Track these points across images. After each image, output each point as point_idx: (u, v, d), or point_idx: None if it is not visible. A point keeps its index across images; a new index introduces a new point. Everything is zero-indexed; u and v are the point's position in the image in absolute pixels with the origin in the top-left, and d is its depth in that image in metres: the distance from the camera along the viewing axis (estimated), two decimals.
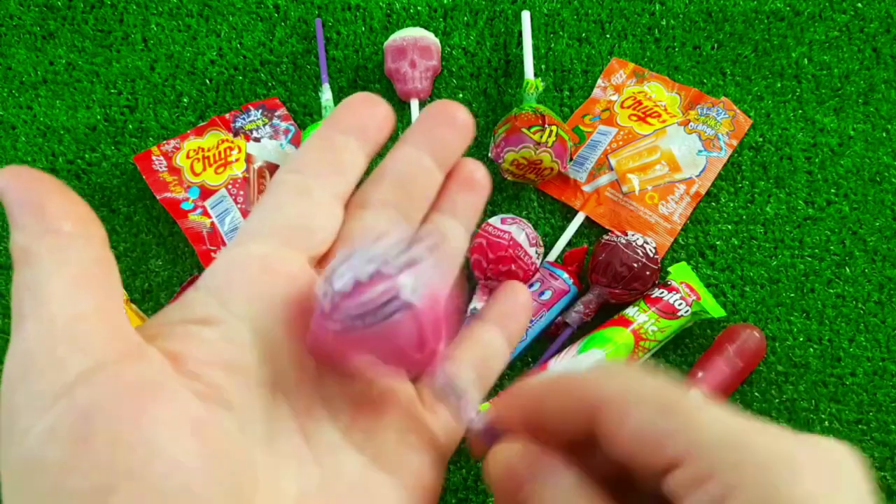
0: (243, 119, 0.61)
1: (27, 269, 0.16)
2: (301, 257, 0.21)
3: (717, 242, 0.58)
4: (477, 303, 0.54)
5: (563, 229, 0.58)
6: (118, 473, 0.15)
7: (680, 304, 0.53)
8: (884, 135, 0.62)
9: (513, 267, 0.53)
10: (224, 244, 0.57)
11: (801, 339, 0.56)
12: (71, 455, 0.15)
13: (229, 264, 0.20)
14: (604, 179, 0.59)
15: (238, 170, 0.59)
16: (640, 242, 0.53)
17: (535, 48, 0.63)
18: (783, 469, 0.16)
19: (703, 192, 0.58)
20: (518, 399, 0.20)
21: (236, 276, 0.20)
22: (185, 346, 0.18)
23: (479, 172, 0.25)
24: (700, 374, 0.52)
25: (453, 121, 0.23)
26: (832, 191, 0.60)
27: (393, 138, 0.23)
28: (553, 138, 0.55)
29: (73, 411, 0.15)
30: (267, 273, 0.20)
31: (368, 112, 0.23)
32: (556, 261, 0.57)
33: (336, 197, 0.22)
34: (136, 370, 0.16)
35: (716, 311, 0.53)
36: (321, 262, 0.22)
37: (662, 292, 0.53)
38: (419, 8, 0.66)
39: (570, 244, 0.58)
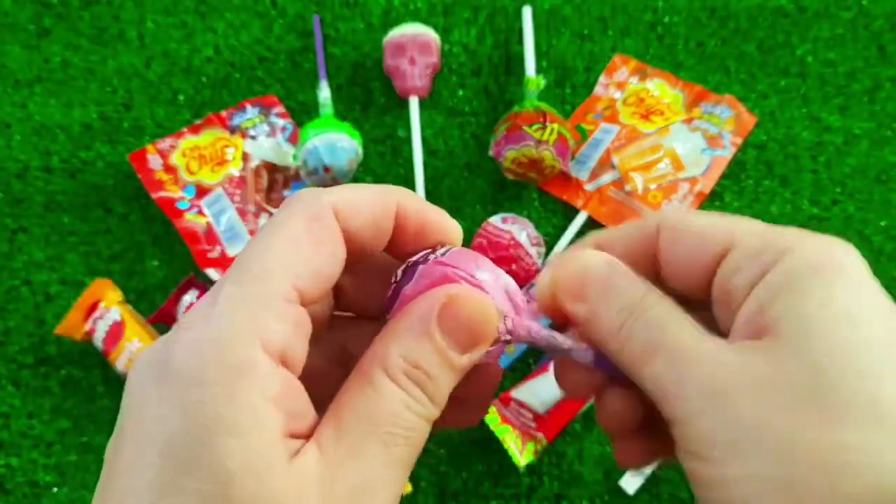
0: (240, 117, 0.60)
1: None
2: None
3: None
4: None
5: (564, 229, 0.58)
6: None
7: None
8: (889, 133, 0.61)
9: (513, 267, 0.53)
10: (220, 244, 0.56)
11: None
12: None
13: None
14: (606, 178, 0.58)
15: (235, 168, 0.58)
16: None
17: (537, 45, 0.63)
18: (825, 241, 0.19)
19: (706, 191, 0.58)
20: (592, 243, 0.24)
21: None
22: None
23: None
24: None
25: None
26: (837, 190, 0.59)
27: (393, 137, 0.22)
28: (554, 136, 0.54)
29: None
30: None
31: None
32: None
33: None
34: None
35: None
36: None
37: None
38: (418, 4, 0.66)
39: (572, 244, 0.57)
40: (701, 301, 0.21)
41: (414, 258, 0.21)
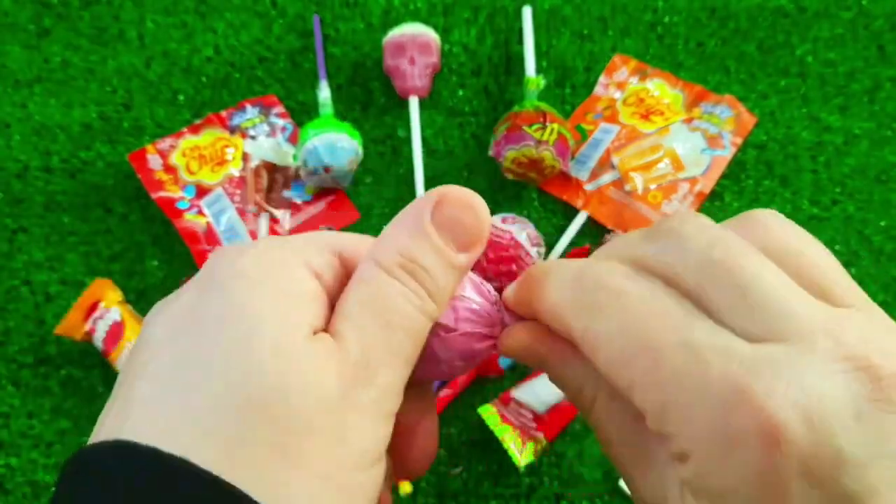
0: (240, 117, 0.60)
1: None
2: None
3: None
4: None
5: (564, 229, 0.58)
6: None
7: None
8: (889, 133, 0.61)
9: (513, 267, 0.53)
10: (220, 244, 0.56)
11: None
12: None
13: None
14: (606, 178, 0.58)
15: (235, 168, 0.58)
16: None
17: (537, 45, 0.63)
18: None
19: (706, 191, 0.58)
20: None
21: None
22: None
23: None
24: None
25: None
26: (837, 190, 0.59)
27: (393, 137, 0.22)
28: (554, 136, 0.54)
29: None
30: None
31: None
32: None
33: None
34: None
35: None
36: None
37: None
38: (418, 4, 0.66)
39: (572, 244, 0.57)
40: None
41: None
